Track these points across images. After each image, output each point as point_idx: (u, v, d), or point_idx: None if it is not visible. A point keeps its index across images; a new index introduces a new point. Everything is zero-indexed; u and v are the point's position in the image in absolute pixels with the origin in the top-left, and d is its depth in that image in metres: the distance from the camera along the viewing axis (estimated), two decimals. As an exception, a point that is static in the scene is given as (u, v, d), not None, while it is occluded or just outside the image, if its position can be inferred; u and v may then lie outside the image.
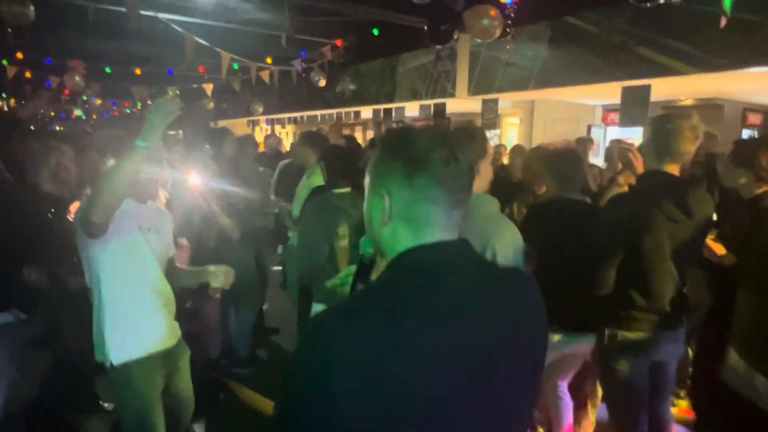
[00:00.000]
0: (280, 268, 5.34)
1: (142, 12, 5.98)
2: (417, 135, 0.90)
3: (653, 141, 2.14)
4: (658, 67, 5.70)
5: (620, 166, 2.99)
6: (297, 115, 14.28)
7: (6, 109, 18.06)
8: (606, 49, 6.20)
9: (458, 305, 0.82)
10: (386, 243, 0.90)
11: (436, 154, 0.86)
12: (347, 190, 2.68)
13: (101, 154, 4.30)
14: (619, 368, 2.14)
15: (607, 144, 6.16)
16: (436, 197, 0.87)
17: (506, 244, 1.83)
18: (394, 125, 12.40)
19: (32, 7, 5.48)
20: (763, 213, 2.36)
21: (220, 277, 2.15)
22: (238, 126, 17.24)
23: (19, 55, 9.47)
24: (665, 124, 2.10)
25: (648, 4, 3.47)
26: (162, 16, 7.30)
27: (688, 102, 7.71)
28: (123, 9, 5.60)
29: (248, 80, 9.73)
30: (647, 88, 5.53)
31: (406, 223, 0.88)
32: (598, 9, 6.13)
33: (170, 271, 2.16)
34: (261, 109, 13.18)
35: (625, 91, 5.70)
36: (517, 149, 5.36)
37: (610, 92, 6.44)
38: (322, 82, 9.98)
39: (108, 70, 11.56)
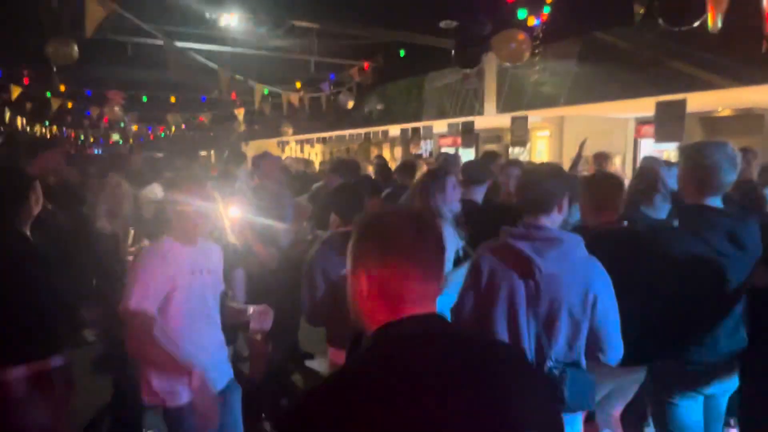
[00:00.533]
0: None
1: (177, 44, 6.20)
2: (388, 217, 1.00)
3: (692, 174, 2.09)
4: (694, 80, 5.58)
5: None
6: (326, 135, 14.47)
7: (48, 136, 18.83)
8: (638, 64, 6.11)
9: (422, 378, 0.86)
10: (367, 317, 0.97)
11: (404, 232, 0.95)
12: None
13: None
14: (673, 402, 2.10)
15: (641, 159, 6.04)
16: (408, 273, 0.93)
17: (606, 284, 1.82)
18: (422, 143, 12.45)
19: (76, 48, 5.76)
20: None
21: (258, 318, 2.16)
22: (268, 147, 17.60)
23: (62, 88, 9.90)
24: (703, 160, 2.05)
25: (681, 29, 3.42)
26: (196, 46, 7.57)
27: (727, 113, 7.50)
28: (160, 42, 5.81)
29: (279, 104, 9.94)
30: (683, 102, 5.41)
31: (383, 298, 0.95)
32: (628, 24, 6.06)
33: (221, 309, 2.20)
34: (291, 131, 13.41)
35: (660, 106, 5.59)
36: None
37: (642, 105, 6.32)
38: (350, 104, 10.11)
39: (144, 98, 12.00)
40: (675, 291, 2.02)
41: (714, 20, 3.16)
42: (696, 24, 3.48)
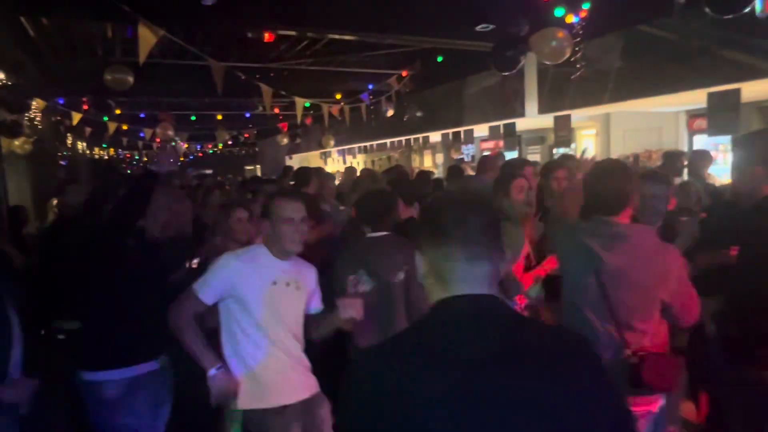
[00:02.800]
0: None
1: (223, 64, 6.48)
2: (436, 202, 1.10)
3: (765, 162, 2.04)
4: (747, 69, 5.32)
5: None
6: (367, 144, 14.63)
7: (106, 157, 19.91)
8: (686, 55, 5.89)
9: (456, 355, 0.91)
10: (429, 293, 1.06)
11: (450, 216, 1.01)
12: (383, 234, 2.65)
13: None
14: None
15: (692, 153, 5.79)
16: (453, 255, 0.99)
17: (679, 267, 1.92)
18: (463, 148, 12.39)
19: (132, 75, 6.14)
20: None
21: (348, 308, 2.16)
22: (311, 158, 17.94)
23: (117, 111, 10.47)
24: None
25: (729, 16, 3.29)
26: (240, 65, 7.86)
27: (787, 100, 7.10)
28: (208, 63, 6.07)
29: (320, 116, 10.15)
30: (737, 92, 5.19)
31: (435, 277, 1.02)
32: (672, 15, 5.85)
33: (308, 323, 2.28)
34: (332, 142, 13.64)
35: (712, 97, 5.38)
36: None
37: (693, 97, 6.08)
38: (390, 112, 10.19)
39: (193, 118, 12.53)
40: None
41: (764, 6, 3.02)
42: (745, 11, 3.34)
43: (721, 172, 6.72)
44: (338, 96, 10.35)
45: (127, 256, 2.43)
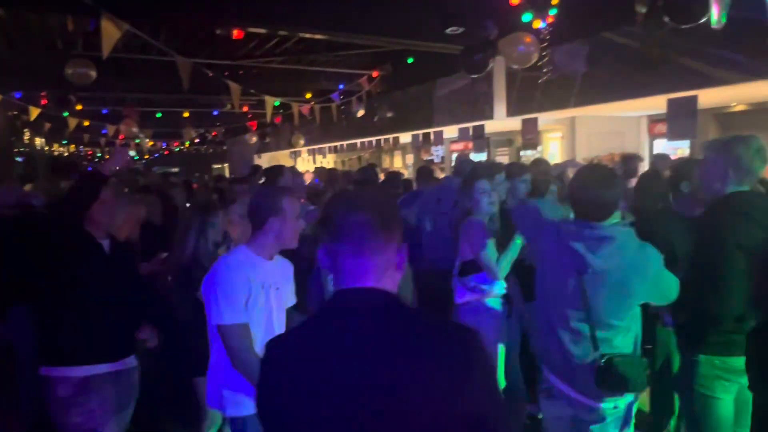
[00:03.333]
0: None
1: (189, 60, 6.35)
2: (334, 202, 1.17)
3: (732, 164, 2.12)
4: (704, 77, 5.56)
5: None
6: (337, 144, 14.61)
7: (66, 154, 19.23)
8: (647, 62, 6.10)
9: (333, 347, 1.00)
10: (333, 285, 1.13)
11: (340, 215, 1.07)
12: None
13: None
14: (716, 396, 2.13)
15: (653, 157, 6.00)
16: (343, 250, 1.06)
17: (659, 263, 2.00)
18: (433, 149, 12.48)
19: (94, 70, 5.95)
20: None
21: None
22: (281, 158, 17.78)
23: (79, 107, 10.15)
24: (747, 150, 2.11)
25: (686, 26, 3.43)
26: (207, 61, 7.72)
27: (740, 108, 7.43)
28: (174, 59, 5.95)
29: (290, 115, 10.06)
30: (694, 99, 5.40)
31: (334, 271, 1.10)
32: (635, 23, 6.04)
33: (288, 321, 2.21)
34: (303, 141, 13.55)
35: (671, 103, 5.58)
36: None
37: (654, 103, 6.29)
38: (361, 113, 10.19)
39: (159, 114, 12.24)
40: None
41: (717, 16, 3.17)
42: (702, 20, 3.49)
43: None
44: (308, 95, 10.29)
45: (84, 255, 2.38)
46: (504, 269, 2.81)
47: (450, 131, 9.73)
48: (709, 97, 5.79)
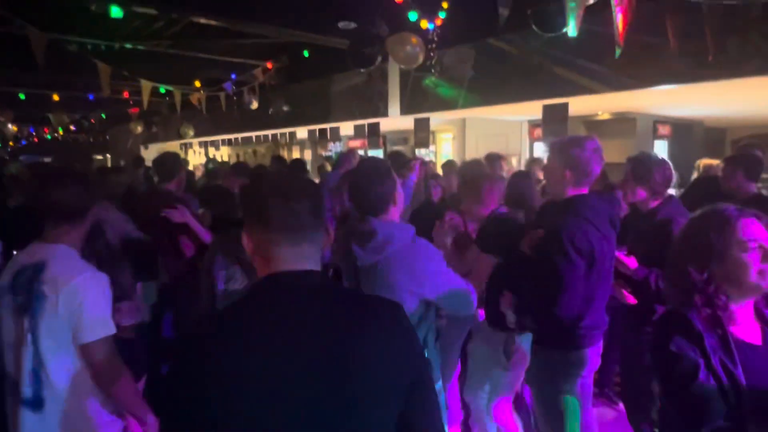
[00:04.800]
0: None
1: (56, 37, 5.77)
2: (263, 189, 1.10)
3: (570, 167, 2.17)
4: (575, 86, 6.09)
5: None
6: (231, 137, 14.07)
7: None
8: (526, 70, 6.56)
9: (276, 327, 0.98)
10: (257, 270, 1.10)
11: (273, 204, 1.05)
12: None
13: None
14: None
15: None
16: (278, 240, 1.05)
17: (436, 260, 1.91)
18: (330, 145, 12.47)
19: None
20: (659, 225, 2.60)
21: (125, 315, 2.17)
22: (170, 149, 16.75)
23: None
24: (583, 152, 2.16)
25: (549, 35, 3.74)
26: (75, 39, 7.05)
27: (605, 116, 8.25)
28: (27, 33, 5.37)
29: (184, 103, 9.51)
30: (565, 106, 5.91)
31: (261, 257, 1.08)
32: (518, 31, 6.49)
33: None
34: (192, 132, 12.88)
35: (546, 109, 6.06)
36: (449, 165, 5.52)
37: (534, 108, 6.78)
38: (255, 104, 9.90)
39: (22, 96, 10.96)
40: None
41: (573, 28, 3.48)
42: (562, 31, 3.81)
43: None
44: (197, 83, 9.80)
45: None
46: None
47: (347, 127, 9.77)
48: (579, 105, 6.36)
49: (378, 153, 9.99)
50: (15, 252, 1.92)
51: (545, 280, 2.11)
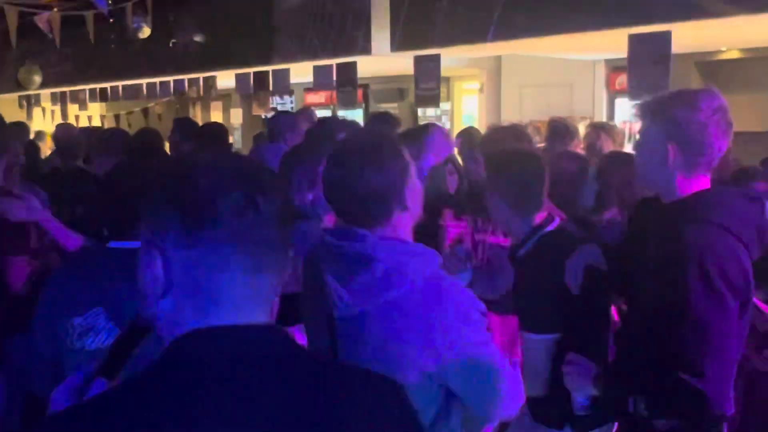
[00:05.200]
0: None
1: None
2: (201, 171, 1.05)
3: (676, 139, 2.20)
4: (682, 5, 6.12)
5: None
6: (107, 86, 14.11)
7: None
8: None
9: (230, 423, 0.96)
10: (164, 323, 1.06)
11: (225, 199, 1.01)
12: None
13: None
14: None
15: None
16: (227, 261, 1.02)
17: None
18: (274, 100, 12.45)
19: None
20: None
21: None
22: (3, 107, 16.74)
23: None
24: (696, 115, 2.18)
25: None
26: None
27: (733, 54, 8.34)
28: None
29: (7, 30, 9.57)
30: (667, 36, 5.93)
31: (188, 296, 1.03)
32: None
33: None
34: (39, 79, 12.91)
35: (634, 41, 6.09)
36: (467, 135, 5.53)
37: (616, 41, 6.79)
38: (146, 32, 9.93)
39: None
40: None
41: None
42: None
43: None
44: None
45: None
46: None
47: (301, 71, 9.79)
48: (687, 34, 6.41)
49: (354, 114, 10.01)
50: None
51: (671, 335, 2.12)
